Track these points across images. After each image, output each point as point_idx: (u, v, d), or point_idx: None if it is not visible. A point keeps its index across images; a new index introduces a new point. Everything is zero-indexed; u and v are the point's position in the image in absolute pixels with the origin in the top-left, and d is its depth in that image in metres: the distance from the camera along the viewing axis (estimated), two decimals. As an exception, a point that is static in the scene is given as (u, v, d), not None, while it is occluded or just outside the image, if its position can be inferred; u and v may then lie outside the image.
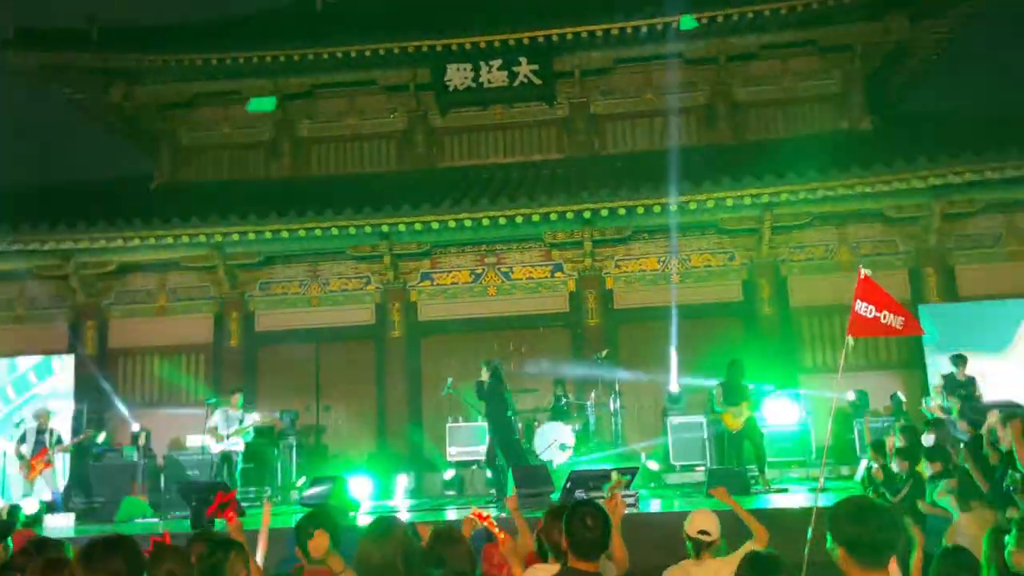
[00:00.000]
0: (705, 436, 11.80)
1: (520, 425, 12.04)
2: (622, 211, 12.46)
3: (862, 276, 5.46)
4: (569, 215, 12.54)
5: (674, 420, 12.07)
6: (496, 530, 3.93)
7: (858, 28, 14.33)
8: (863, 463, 8.99)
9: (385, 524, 2.95)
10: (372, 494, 10.76)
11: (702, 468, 11.49)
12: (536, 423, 12.17)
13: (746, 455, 10.36)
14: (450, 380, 11.30)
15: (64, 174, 18.74)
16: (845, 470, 11.18)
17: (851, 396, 11.84)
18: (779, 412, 11.91)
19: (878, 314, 5.31)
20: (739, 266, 13.65)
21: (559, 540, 3.33)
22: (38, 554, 3.49)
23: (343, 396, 13.34)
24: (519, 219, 12.51)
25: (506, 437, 10.04)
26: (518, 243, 13.90)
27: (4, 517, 7.40)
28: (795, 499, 9.00)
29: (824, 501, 5.60)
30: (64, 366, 13.52)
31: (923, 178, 12.03)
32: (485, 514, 4.03)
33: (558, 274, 13.94)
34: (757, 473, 10.29)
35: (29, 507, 9.63)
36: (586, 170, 13.98)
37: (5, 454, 11.85)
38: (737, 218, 13.02)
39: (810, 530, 4.66)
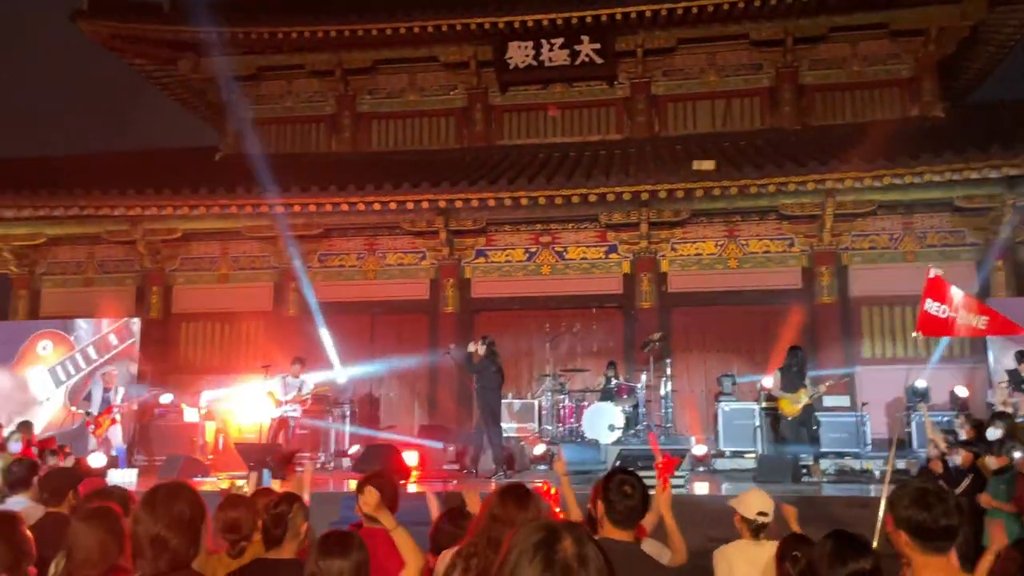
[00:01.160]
0: (756, 423, 11.66)
1: (569, 404, 12.26)
2: (680, 193, 12.31)
3: (931, 276, 5.31)
4: (626, 196, 12.44)
5: (726, 406, 11.94)
6: (556, 507, 3.85)
7: (933, 11, 13.87)
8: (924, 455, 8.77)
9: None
10: (421, 464, 10.88)
11: (752, 455, 11.37)
12: (585, 403, 12.20)
13: (800, 443, 10.23)
14: (452, 347, 11.55)
15: (134, 143, 19.16)
16: (901, 463, 10.95)
17: (913, 387, 11.57)
18: (836, 402, 11.71)
19: (952, 314, 5.17)
20: (799, 253, 13.40)
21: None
22: (105, 499, 3.53)
23: (396, 368, 13.47)
24: (575, 199, 12.44)
25: (495, 413, 10.40)
26: (573, 223, 13.87)
27: (73, 468, 7.63)
28: (848, 489, 8.85)
29: (886, 492, 5.56)
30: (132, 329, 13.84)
31: (997, 167, 11.61)
32: (553, 491, 3.99)
33: (613, 255, 13.87)
34: (811, 462, 10.14)
35: (96, 461, 10.39)
36: (645, 151, 13.85)
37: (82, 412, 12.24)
38: (799, 204, 12.77)
39: (879, 521, 4.62)
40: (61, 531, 2.98)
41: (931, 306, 5.19)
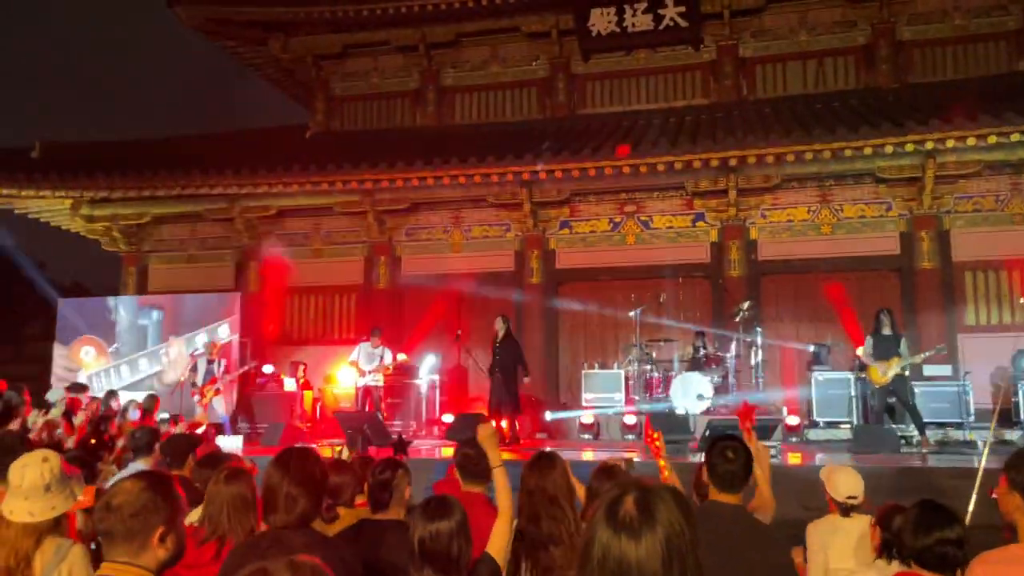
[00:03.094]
0: (852, 393, 11.37)
1: (656, 375, 12.28)
2: (770, 159, 11.95)
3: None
4: (713, 163, 12.14)
5: (819, 375, 11.68)
6: (664, 466, 4.06)
7: (1046, -45, 12.98)
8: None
9: None
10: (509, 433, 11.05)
11: (847, 425, 11.10)
12: (673, 373, 12.16)
13: (895, 413, 9.92)
14: (459, 333, 12.05)
15: (228, 124, 19.85)
16: (1007, 434, 10.54)
17: (1021, 355, 11.09)
18: (937, 371, 11.30)
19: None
20: (897, 217, 12.89)
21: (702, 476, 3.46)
22: (219, 463, 3.82)
23: (482, 339, 13.45)
24: (660, 167, 12.22)
25: (513, 388, 11.17)
26: (659, 192, 13.65)
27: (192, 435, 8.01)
28: (951, 460, 8.59)
29: (987, 464, 5.36)
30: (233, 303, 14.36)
31: (1114, 122, 10.85)
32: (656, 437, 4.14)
33: (700, 224, 13.64)
34: (917, 434, 9.83)
35: (204, 428, 10.53)
36: (732, 116, 13.50)
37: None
38: (897, 166, 12.24)
39: (974, 493, 4.50)
40: (186, 491, 3.11)
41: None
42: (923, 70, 13.94)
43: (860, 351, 10.75)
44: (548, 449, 3.67)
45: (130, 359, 14.38)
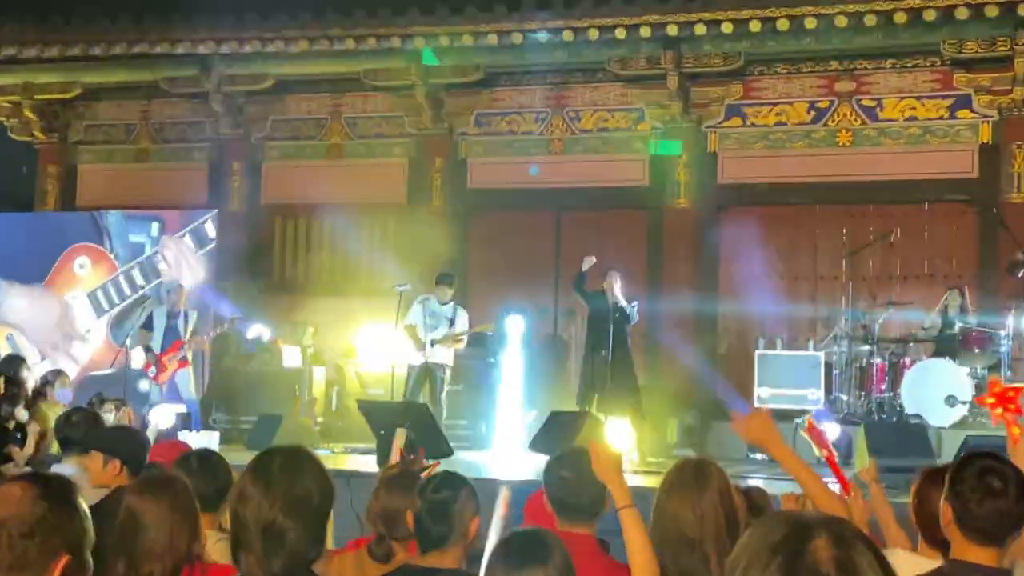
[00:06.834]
0: None
1: (880, 361, 12.10)
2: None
3: None
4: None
5: None
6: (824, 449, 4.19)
7: None
8: None
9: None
10: (634, 443, 11.11)
11: None
12: (907, 359, 12.08)
13: None
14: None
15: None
16: None
17: None
18: None
19: None
20: None
21: (936, 513, 3.40)
22: (202, 471, 4.01)
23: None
24: (898, 16, 11.98)
25: (631, 372, 11.77)
26: (895, 59, 13.41)
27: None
28: None
29: None
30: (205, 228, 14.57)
31: None
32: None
33: (962, 113, 13.21)
34: None
35: (161, 419, 10.26)
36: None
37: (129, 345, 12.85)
38: None
39: None
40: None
41: None
42: None
43: None
44: (696, 456, 4.12)
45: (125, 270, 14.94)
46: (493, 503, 5.20)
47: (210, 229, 14.43)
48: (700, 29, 12.62)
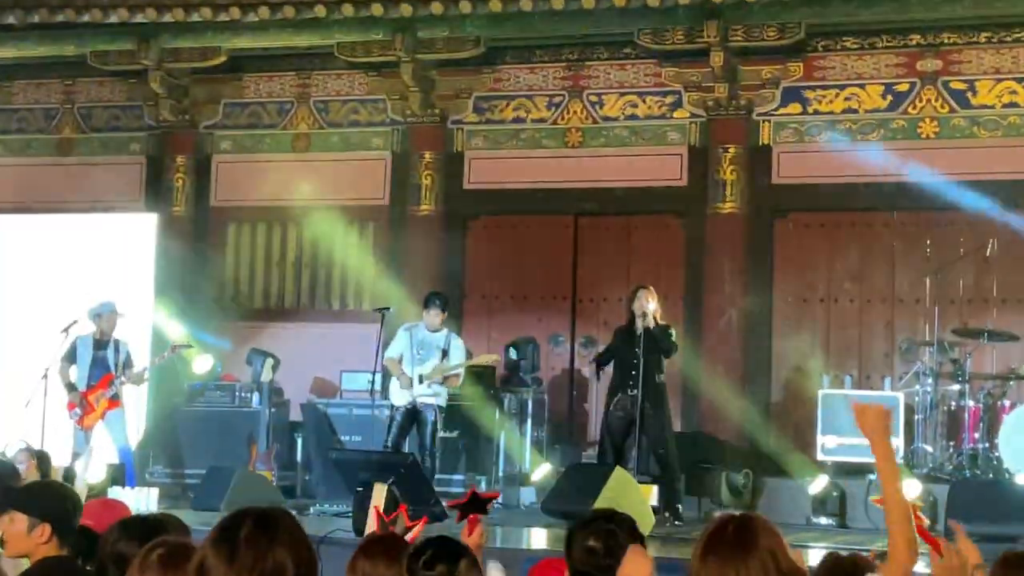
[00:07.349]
0: None
1: (973, 404, 12.05)
2: None
3: None
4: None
5: None
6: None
7: None
8: None
9: None
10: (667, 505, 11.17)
11: None
12: (1007, 400, 11.94)
13: None
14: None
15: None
16: None
17: None
18: None
19: None
20: None
21: None
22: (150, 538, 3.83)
23: (617, 316, 13.17)
24: None
25: (665, 416, 11.62)
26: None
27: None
28: None
29: None
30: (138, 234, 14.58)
31: None
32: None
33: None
34: None
35: (90, 472, 11.06)
36: None
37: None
38: None
39: None
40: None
41: None
42: None
43: None
44: (738, 512, 3.83)
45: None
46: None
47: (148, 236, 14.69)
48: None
